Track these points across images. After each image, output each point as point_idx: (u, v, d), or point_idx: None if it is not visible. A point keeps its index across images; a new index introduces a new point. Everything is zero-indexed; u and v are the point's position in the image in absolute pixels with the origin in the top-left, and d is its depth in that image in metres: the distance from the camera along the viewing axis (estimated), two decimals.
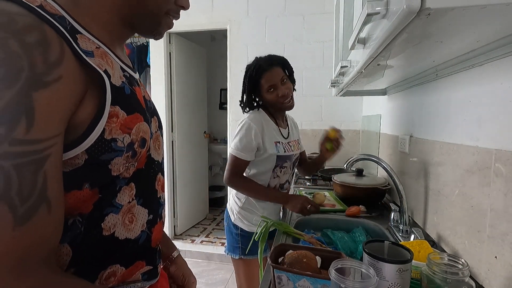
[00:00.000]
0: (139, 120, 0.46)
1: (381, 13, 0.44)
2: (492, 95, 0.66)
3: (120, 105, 0.42)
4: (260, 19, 2.36)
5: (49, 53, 0.34)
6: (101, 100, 0.40)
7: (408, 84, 1.16)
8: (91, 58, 0.40)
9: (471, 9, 0.36)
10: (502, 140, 0.61)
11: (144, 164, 0.50)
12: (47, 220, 0.34)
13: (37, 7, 0.35)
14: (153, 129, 0.54)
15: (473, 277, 0.69)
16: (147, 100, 0.55)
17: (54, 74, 0.34)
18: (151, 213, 0.52)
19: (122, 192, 0.46)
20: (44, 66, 0.34)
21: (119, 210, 0.46)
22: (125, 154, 0.43)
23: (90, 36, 0.43)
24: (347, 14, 1.03)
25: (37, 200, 0.33)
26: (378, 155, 1.67)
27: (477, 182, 0.70)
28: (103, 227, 0.44)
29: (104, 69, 0.41)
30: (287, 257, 0.70)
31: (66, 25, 0.39)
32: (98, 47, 0.43)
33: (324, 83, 1.95)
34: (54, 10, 0.38)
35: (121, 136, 0.42)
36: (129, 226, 0.48)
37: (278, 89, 1.21)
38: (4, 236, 0.31)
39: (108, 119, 0.40)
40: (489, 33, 0.54)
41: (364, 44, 0.62)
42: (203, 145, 3.46)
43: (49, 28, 0.35)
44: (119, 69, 0.46)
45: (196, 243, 2.85)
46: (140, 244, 0.50)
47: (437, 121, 0.93)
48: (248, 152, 1.20)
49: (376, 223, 1.12)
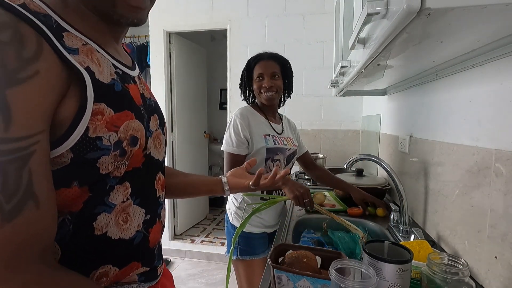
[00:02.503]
0: (129, 118, 0.44)
1: (381, 13, 0.44)
2: (492, 95, 0.66)
3: (106, 102, 0.41)
4: (260, 19, 2.36)
5: (24, 49, 0.34)
6: (83, 97, 0.39)
7: (408, 84, 1.16)
8: (74, 56, 0.39)
9: (471, 9, 0.36)
10: (502, 140, 0.61)
11: (141, 163, 0.49)
12: (36, 216, 0.34)
13: (18, 5, 0.35)
14: (153, 127, 0.53)
15: (473, 277, 0.69)
16: (146, 98, 0.53)
17: (29, 70, 0.34)
18: (148, 213, 0.51)
19: (116, 191, 0.45)
20: (18, 62, 0.33)
21: (112, 209, 0.45)
22: (113, 152, 0.42)
23: (78, 34, 0.42)
24: (347, 14, 1.03)
25: (23, 197, 0.33)
26: (378, 155, 1.67)
27: (477, 182, 0.70)
28: (95, 226, 0.44)
29: (86, 66, 0.40)
30: (287, 257, 0.70)
31: (52, 23, 0.38)
32: (85, 44, 0.42)
33: (324, 83, 1.95)
34: (38, 9, 0.38)
35: (107, 134, 0.41)
36: (123, 226, 0.47)
37: (264, 80, 1.22)
38: None
39: (92, 117, 0.39)
40: (489, 33, 0.54)
41: (364, 44, 0.62)
42: (203, 145, 3.46)
43: (25, 25, 0.35)
44: (109, 66, 0.45)
45: (196, 243, 2.85)
46: (135, 245, 0.49)
47: (437, 121, 0.93)
48: (240, 146, 1.20)
49: (376, 223, 1.12)
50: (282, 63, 1.27)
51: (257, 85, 1.24)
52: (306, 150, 1.47)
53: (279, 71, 1.25)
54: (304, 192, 1.10)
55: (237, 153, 1.20)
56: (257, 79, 1.24)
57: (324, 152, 2.21)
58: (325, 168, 1.47)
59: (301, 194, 1.10)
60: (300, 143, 1.44)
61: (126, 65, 0.51)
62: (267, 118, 1.28)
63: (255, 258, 1.24)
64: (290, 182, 1.14)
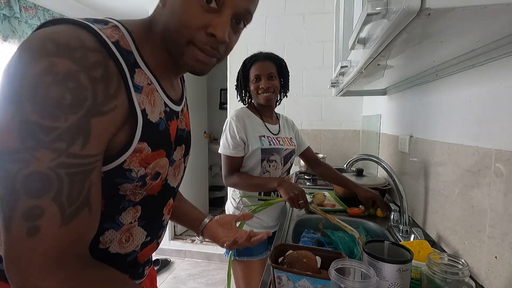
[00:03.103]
0: (161, 156, 0.50)
1: (381, 13, 0.44)
2: (492, 95, 0.66)
3: (148, 142, 0.46)
4: (260, 19, 2.36)
5: (109, 87, 0.40)
6: (132, 134, 0.44)
7: (408, 84, 1.16)
8: (138, 95, 0.45)
9: (471, 9, 0.36)
10: (502, 140, 0.61)
11: (157, 192, 0.54)
12: (88, 221, 0.40)
13: (113, 42, 0.42)
14: (176, 157, 0.57)
15: (473, 277, 0.69)
16: (180, 130, 0.57)
17: (111, 104, 0.40)
18: (149, 235, 0.56)
19: (127, 212, 0.50)
20: (104, 97, 0.40)
21: (120, 228, 0.50)
22: (136, 183, 0.47)
23: (147, 71, 0.47)
24: (347, 14, 1.03)
25: (81, 204, 0.38)
26: (378, 155, 1.67)
27: (477, 182, 0.70)
28: (101, 240, 0.48)
29: (143, 108, 0.45)
30: (287, 257, 0.69)
31: (131, 60, 0.44)
32: (150, 84, 0.48)
33: (324, 83, 1.95)
34: (126, 46, 0.44)
35: (137, 168, 0.46)
36: (124, 245, 0.51)
37: (261, 81, 1.22)
38: (52, 232, 0.36)
39: (132, 153, 0.44)
40: (489, 33, 0.54)
41: (364, 44, 0.62)
42: (203, 145, 3.46)
43: (112, 64, 0.41)
44: (161, 105, 0.50)
45: (196, 243, 2.84)
46: (127, 261, 0.54)
47: (437, 121, 0.93)
48: (236, 148, 1.19)
49: (376, 223, 1.12)
50: (278, 63, 1.26)
51: (254, 86, 1.24)
52: (307, 146, 1.46)
53: (276, 71, 1.24)
54: (299, 194, 1.10)
55: (234, 156, 1.20)
56: (254, 80, 1.23)
57: (324, 152, 2.21)
58: (330, 166, 1.44)
59: (296, 196, 1.09)
60: (300, 141, 1.43)
61: (175, 100, 0.55)
62: (262, 119, 1.28)
63: (252, 259, 1.23)
64: (286, 184, 1.13)
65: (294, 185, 1.14)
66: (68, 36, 0.39)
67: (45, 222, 0.36)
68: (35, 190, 0.35)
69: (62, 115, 0.36)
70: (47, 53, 0.37)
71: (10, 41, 2.46)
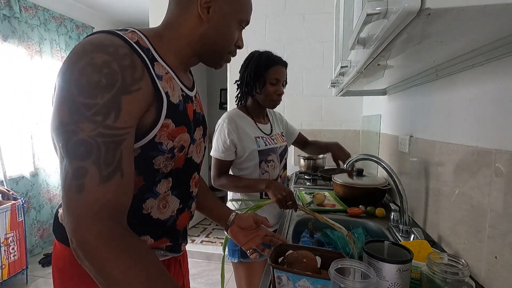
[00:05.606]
0: (183, 131, 0.60)
1: (381, 13, 0.44)
2: (492, 95, 0.66)
3: (172, 119, 0.56)
4: (260, 19, 2.36)
5: (135, 72, 0.51)
6: (159, 113, 0.54)
7: (408, 84, 1.16)
8: (160, 81, 0.55)
9: (471, 9, 0.36)
10: (502, 140, 0.61)
11: (182, 164, 0.63)
12: (120, 184, 0.47)
13: (134, 42, 0.53)
14: (197, 136, 0.67)
15: (473, 277, 0.69)
16: (197, 113, 0.68)
17: (136, 86, 0.50)
18: (181, 203, 0.66)
19: (162, 183, 0.60)
20: (131, 79, 0.50)
21: (157, 196, 0.60)
22: (166, 155, 0.57)
23: (164, 64, 0.58)
24: (347, 14, 1.03)
25: (115, 168, 0.47)
26: (378, 155, 1.67)
27: (477, 182, 0.70)
28: (144, 207, 0.59)
29: (166, 91, 0.56)
30: (287, 257, 0.70)
31: (149, 55, 0.55)
32: (167, 73, 0.58)
33: (324, 83, 1.95)
34: (144, 44, 0.56)
35: (166, 141, 0.56)
36: (162, 210, 0.62)
37: (279, 86, 1.22)
38: (93, 188, 0.45)
39: (160, 128, 0.54)
40: (489, 33, 0.54)
41: (364, 44, 0.62)
42: None
43: (136, 57, 0.52)
44: (179, 90, 0.61)
45: (196, 243, 2.85)
46: (167, 225, 0.64)
47: (437, 121, 0.93)
48: (226, 152, 1.20)
49: (376, 223, 1.12)
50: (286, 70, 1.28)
51: (273, 89, 1.21)
52: (298, 132, 1.52)
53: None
54: (287, 195, 1.10)
55: (223, 159, 1.20)
56: (271, 83, 1.21)
57: None
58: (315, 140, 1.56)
59: (284, 198, 1.10)
60: (289, 129, 1.47)
61: (188, 87, 0.66)
62: (254, 120, 1.28)
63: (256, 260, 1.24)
64: (273, 185, 1.14)
65: (282, 187, 1.15)
66: (102, 38, 0.50)
67: (88, 180, 0.44)
68: (80, 154, 0.45)
69: (99, 94, 0.46)
70: (86, 52, 0.48)
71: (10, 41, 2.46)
